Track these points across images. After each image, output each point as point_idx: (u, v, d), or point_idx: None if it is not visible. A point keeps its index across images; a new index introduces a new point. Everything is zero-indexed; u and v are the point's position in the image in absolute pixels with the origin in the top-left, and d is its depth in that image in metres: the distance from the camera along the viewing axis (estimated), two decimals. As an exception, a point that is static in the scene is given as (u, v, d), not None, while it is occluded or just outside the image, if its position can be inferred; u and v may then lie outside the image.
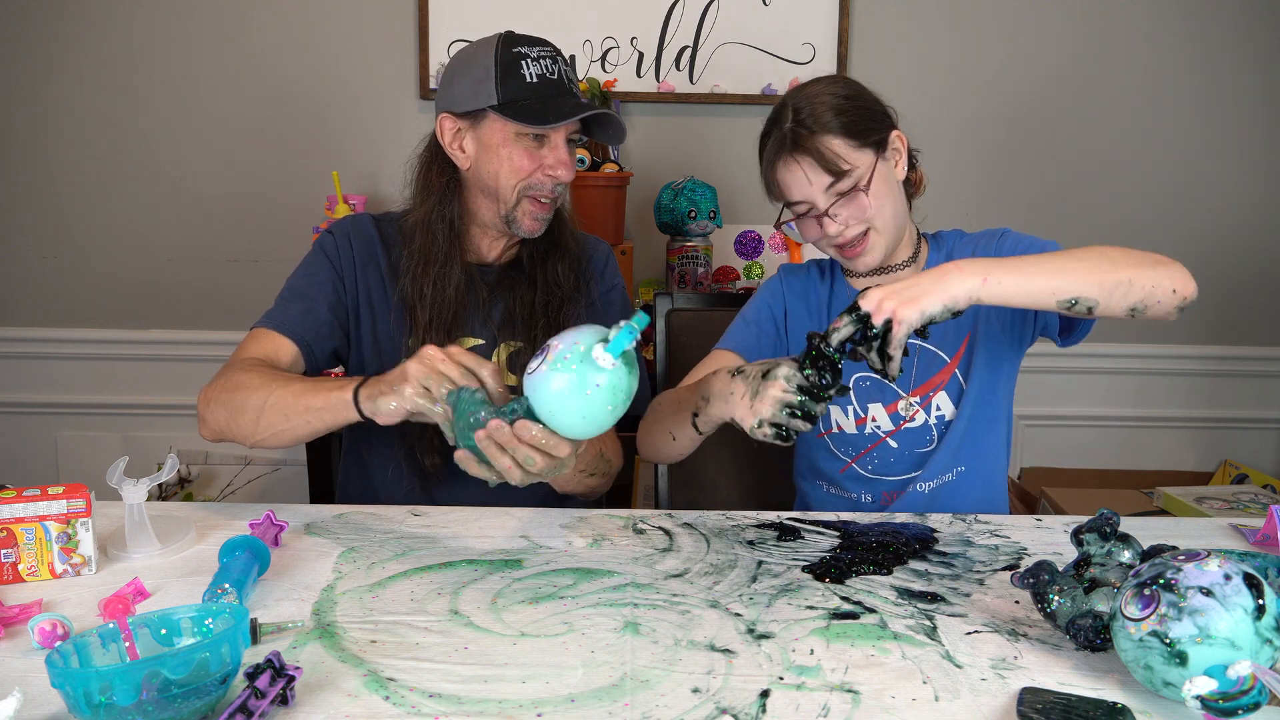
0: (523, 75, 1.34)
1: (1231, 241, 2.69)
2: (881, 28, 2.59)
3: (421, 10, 2.54)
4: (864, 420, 1.42)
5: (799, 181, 1.32)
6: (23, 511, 1.06)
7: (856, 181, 1.30)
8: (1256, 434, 2.78)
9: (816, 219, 1.34)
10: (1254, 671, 0.77)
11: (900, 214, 1.37)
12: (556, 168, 1.38)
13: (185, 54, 2.58)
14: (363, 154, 2.56)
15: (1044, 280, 1.12)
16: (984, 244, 1.42)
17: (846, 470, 1.45)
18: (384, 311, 1.44)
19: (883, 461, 1.43)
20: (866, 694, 0.85)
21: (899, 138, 1.35)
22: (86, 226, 2.65)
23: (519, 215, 1.40)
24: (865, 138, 1.31)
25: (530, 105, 1.34)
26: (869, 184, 1.30)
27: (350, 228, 1.47)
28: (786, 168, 1.32)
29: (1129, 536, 0.97)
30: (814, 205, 1.33)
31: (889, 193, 1.33)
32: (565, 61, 1.39)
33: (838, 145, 1.29)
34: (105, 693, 0.74)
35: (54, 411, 2.72)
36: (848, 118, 1.30)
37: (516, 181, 1.38)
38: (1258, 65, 2.60)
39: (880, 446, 1.42)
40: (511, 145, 1.36)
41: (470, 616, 0.99)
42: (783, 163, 1.33)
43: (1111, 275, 1.12)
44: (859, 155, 1.30)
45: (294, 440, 1.26)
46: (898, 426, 1.41)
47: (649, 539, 1.21)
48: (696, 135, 2.62)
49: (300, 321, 1.38)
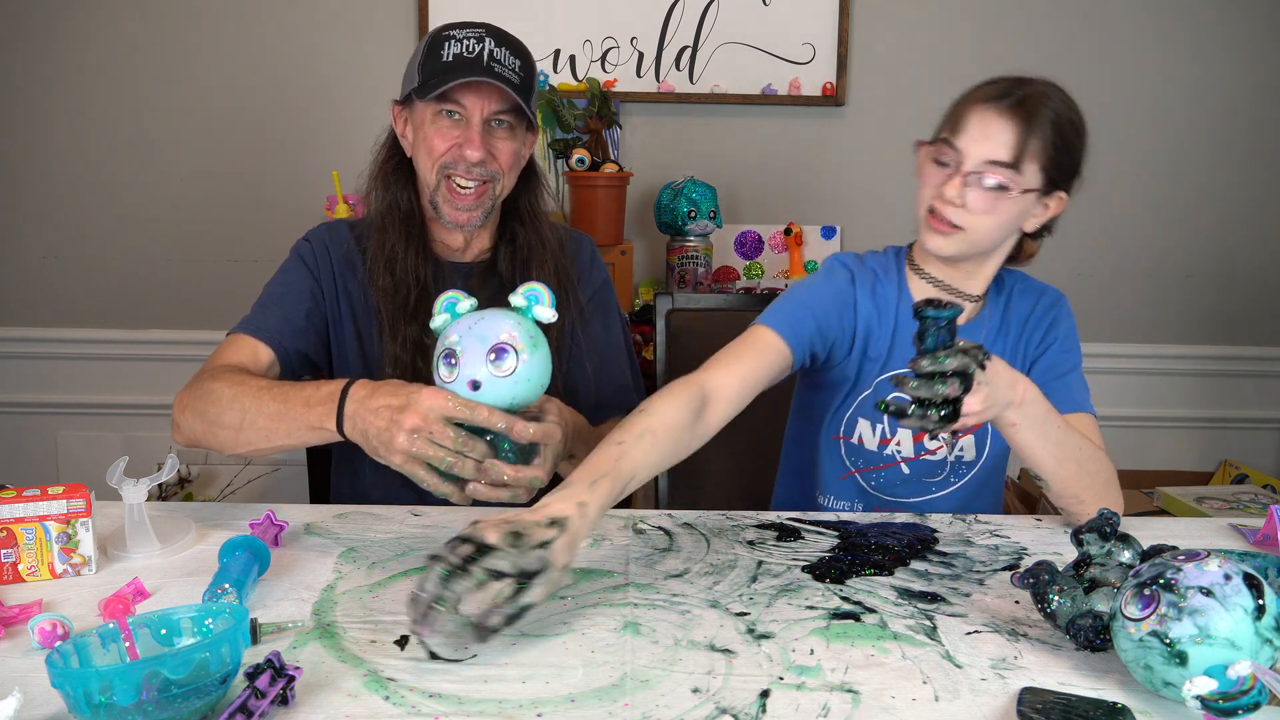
0: (441, 55, 1.32)
1: (1232, 241, 2.69)
2: (881, 28, 2.59)
3: (421, 10, 2.54)
4: (888, 441, 1.39)
5: (987, 135, 1.23)
6: (23, 511, 1.06)
7: (1008, 183, 1.23)
8: (1256, 434, 2.78)
9: (951, 173, 1.25)
10: (1254, 671, 0.77)
11: (993, 245, 1.31)
12: (464, 146, 1.33)
13: (185, 54, 2.58)
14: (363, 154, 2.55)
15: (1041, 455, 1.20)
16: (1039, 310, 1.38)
17: (846, 479, 1.42)
18: (365, 316, 1.42)
19: (888, 483, 1.41)
20: (866, 694, 0.85)
21: (1060, 200, 1.30)
22: (86, 226, 2.65)
23: (439, 201, 1.37)
24: (1052, 170, 1.25)
25: (434, 82, 1.31)
26: (1013, 195, 1.24)
27: (327, 235, 1.45)
28: (989, 112, 1.23)
29: (1129, 536, 0.97)
30: (964, 159, 1.24)
31: (1007, 222, 1.27)
32: (499, 42, 1.34)
33: (1035, 149, 1.23)
34: (105, 693, 0.74)
35: (54, 411, 2.72)
36: (1066, 145, 1.25)
37: (433, 161, 1.35)
38: (1258, 65, 2.60)
39: (892, 469, 1.40)
40: (429, 126, 1.34)
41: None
42: (992, 106, 1.23)
43: (1075, 487, 1.23)
44: (1034, 175, 1.24)
45: (274, 453, 1.23)
46: (918, 455, 1.39)
47: (649, 539, 1.21)
48: (696, 135, 2.62)
49: (277, 329, 1.36)
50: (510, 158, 1.37)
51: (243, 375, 1.26)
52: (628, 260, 2.41)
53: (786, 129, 2.65)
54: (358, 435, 1.11)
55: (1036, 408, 1.16)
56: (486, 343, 1.03)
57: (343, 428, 1.12)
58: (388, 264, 1.39)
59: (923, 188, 1.29)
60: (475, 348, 1.03)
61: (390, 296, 1.38)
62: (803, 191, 2.67)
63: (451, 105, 1.33)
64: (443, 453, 1.04)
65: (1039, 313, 1.39)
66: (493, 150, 1.35)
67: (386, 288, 1.38)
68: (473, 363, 1.03)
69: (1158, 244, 2.69)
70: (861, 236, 2.65)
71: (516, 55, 1.35)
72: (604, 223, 2.36)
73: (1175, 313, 2.73)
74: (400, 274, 1.38)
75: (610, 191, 2.38)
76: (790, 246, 2.62)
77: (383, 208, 1.42)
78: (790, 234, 2.60)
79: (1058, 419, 1.19)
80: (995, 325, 1.39)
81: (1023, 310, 1.39)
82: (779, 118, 2.64)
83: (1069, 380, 1.35)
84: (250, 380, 1.24)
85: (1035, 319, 1.39)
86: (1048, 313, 1.39)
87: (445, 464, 1.04)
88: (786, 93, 2.60)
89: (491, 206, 1.39)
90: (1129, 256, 2.69)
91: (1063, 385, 1.34)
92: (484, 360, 1.03)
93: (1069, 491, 1.23)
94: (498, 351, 1.03)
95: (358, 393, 1.12)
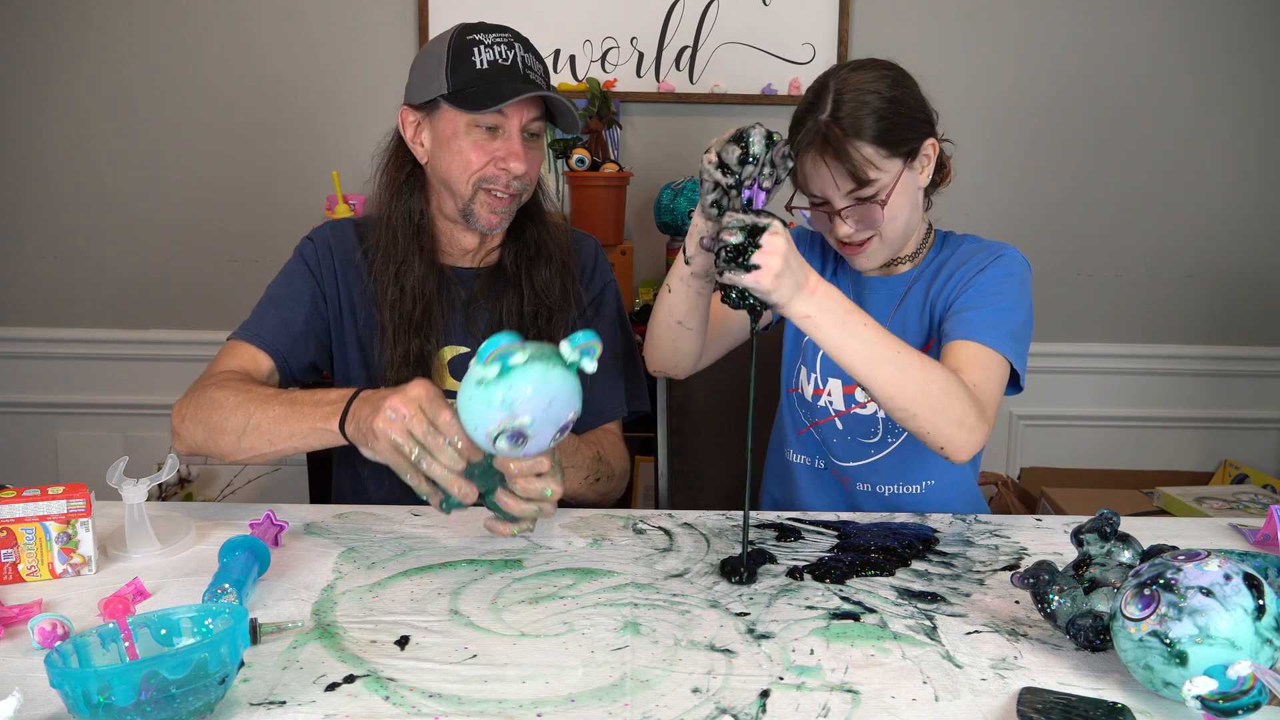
0: (473, 62, 1.29)
1: (1232, 241, 2.69)
2: (881, 28, 2.59)
3: (421, 10, 2.54)
4: (821, 391, 1.43)
5: (822, 178, 1.29)
6: (23, 511, 1.06)
7: (878, 191, 1.27)
8: (1256, 434, 2.78)
9: (829, 215, 1.32)
10: (1254, 671, 0.77)
11: (911, 222, 1.35)
12: (508, 160, 1.32)
13: (185, 54, 2.58)
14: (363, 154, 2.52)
15: (851, 355, 1.13)
16: (974, 260, 1.36)
17: (804, 434, 1.47)
18: (367, 319, 1.41)
19: (826, 440, 1.44)
20: (866, 694, 0.85)
21: (932, 145, 1.32)
22: (86, 226, 2.65)
23: (475, 208, 1.36)
24: (899, 147, 1.27)
25: (476, 92, 1.29)
26: (889, 195, 1.28)
27: (330, 235, 1.44)
28: (813, 162, 1.29)
29: (1129, 536, 0.97)
30: (830, 203, 1.31)
31: (906, 203, 1.31)
32: (526, 48, 1.33)
33: (869, 152, 1.25)
34: (104, 693, 0.74)
35: (54, 411, 2.72)
36: (887, 124, 1.25)
37: (469, 175, 1.33)
38: (1254, 67, 2.60)
39: (828, 424, 1.43)
40: (462, 137, 1.32)
41: (470, 616, 0.99)
42: (810, 157, 1.29)
43: (899, 396, 1.14)
44: (887, 164, 1.27)
45: (277, 458, 1.23)
46: (848, 409, 1.41)
47: (649, 539, 1.21)
48: (696, 135, 2.62)
49: (276, 334, 1.35)
50: (539, 165, 1.37)
51: (247, 382, 1.27)
52: (628, 260, 2.41)
53: (786, 129, 2.64)
54: (352, 428, 1.12)
55: (834, 302, 1.12)
56: (558, 424, 1.00)
57: (345, 426, 1.13)
58: (396, 277, 1.38)
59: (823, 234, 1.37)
60: (547, 432, 0.99)
61: (396, 308, 1.38)
62: (803, 191, 2.67)
63: (494, 119, 1.31)
64: (410, 441, 1.04)
65: (970, 264, 1.36)
66: (528, 160, 1.34)
67: (394, 300, 1.38)
68: (541, 444, 1.00)
69: (1158, 244, 2.69)
70: (861, 236, 2.65)
71: (539, 59, 1.35)
72: (604, 223, 2.36)
73: (1175, 313, 2.73)
74: (409, 288, 1.38)
75: (610, 191, 2.38)
76: (790, 246, 2.62)
77: (395, 220, 1.40)
78: (790, 234, 2.60)
79: (865, 320, 1.14)
80: (927, 278, 1.39)
81: (955, 262, 1.38)
82: (779, 118, 2.63)
83: (969, 315, 1.29)
84: (255, 387, 1.25)
85: (964, 269, 1.36)
86: (977, 261, 1.36)
87: (413, 454, 1.04)
88: (786, 93, 2.60)
89: (517, 208, 1.40)
90: (1129, 256, 2.69)
91: (960, 319, 1.30)
92: (551, 440, 1.01)
93: (894, 403, 1.15)
94: (562, 429, 1.01)
95: (366, 393, 1.14)
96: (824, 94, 1.28)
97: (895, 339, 1.16)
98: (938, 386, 1.15)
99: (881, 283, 1.43)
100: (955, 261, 1.38)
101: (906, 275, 1.41)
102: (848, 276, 1.45)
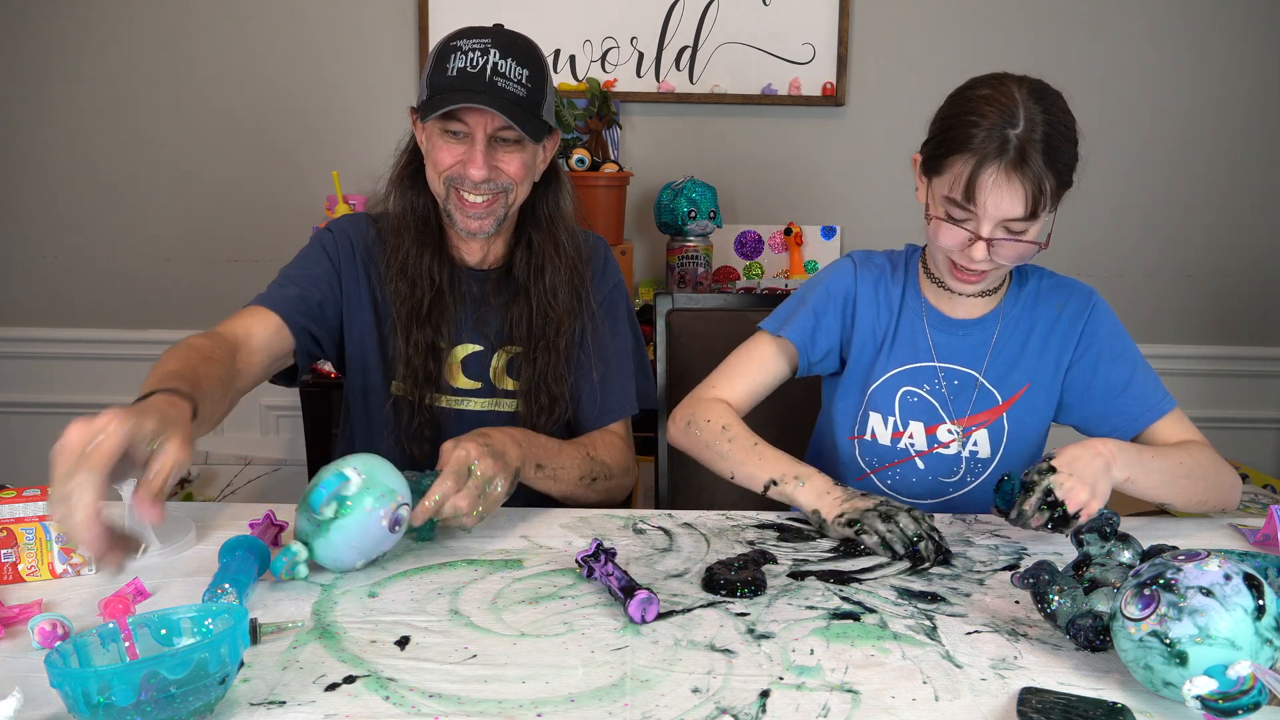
0: (446, 68, 1.30)
1: (1232, 241, 2.69)
2: (881, 28, 2.59)
3: (421, 10, 2.54)
4: (901, 434, 1.38)
5: (995, 197, 1.17)
6: (23, 511, 1.06)
7: (1028, 231, 1.21)
8: (1256, 434, 2.78)
9: (971, 237, 1.22)
10: (1254, 671, 0.77)
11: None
12: (467, 165, 1.32)
13: (185, 54, 2.58)
14: (363, 154, 2.56)
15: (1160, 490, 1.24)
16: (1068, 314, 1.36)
17: (863, 480, 1.41)
18: (383, 311, 1.42)
19: (903, 480, 1.40)
20: (866, 694, 0.85)
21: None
22: (86, 226, 2.65)
23: (452, 210, 1.36)
24: (1059, 194, 1.21)
25: (436, 100, 1.30)
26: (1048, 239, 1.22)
27: (349, 227, 1.46)
28: (993, 176, 1.17)
29: (1129, 536, 0.97)
30: (981, 223, 1.21)
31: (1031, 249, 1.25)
32: (505, 54, 1.31)
33: (1050, 185, 1.18)
34: (104, 693, 0.74)
35: (54, 411, 2.71)
36: (1064, 167, 1.19)
37: (439, 175, 1.35)
38: (1258, 64, 2.60)
39: (907, 464, 1.39)
40: (436, 139, 1.34)
41: (470, 616, 0.99)
42: (991, 168, 1.17)
43: (1196, 496, 1.28)
44: (1048, 207, 1.20)
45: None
46: (931, 449, 1.38)
47: (649, 539, 1.21)
48: (696, 135, 2.62)
49: (293, 303, 1.36)
50: (520, 168, 1.35)
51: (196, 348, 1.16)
52: (628, 260, 2.41)
53: (786, 129, 2.65)
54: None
55: (1127, 454, 1.19)
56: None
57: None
58: (401, 268, 1.39)
59: (937, 236, 1.26)
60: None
61: (404, 300, 1.39)
62: (803, 191, 2.67)
63: (454, 125, 1.32)
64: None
65: (1068, 317, 1.37)
66: (499, 164, 1.33)
67: (401, 291, 1.39)
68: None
69: (1158, 244, 2.69)
70: (861, 236, 2.65)
71: (524, 64, 1.32)
72: (604, 223, 2.36)
73: (1175, 313, 2.73)
74: (414, 278, 1.39)
75: (610, 191, 2.38)
76: (790, 246, 2.62)
77: (400, 212, 1.42)
78: (790, 234, 2.61)
79: (1148, 451, 1.23)
80: (1013, 320, 1.38)
81: (1049, 313, 1.38)
82: (779, 118, 2.64)
83: (1134, 389, 1.34)
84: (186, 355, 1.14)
85: (1065, 323, 1.37)
86: (1079, 317, 1.37)
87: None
88: (786, 93, 2.60)
89: (505, 214, 1.38)
90: (1129, 256, 2.69)
91: (1130, 397, 1.34)
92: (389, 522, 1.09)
93: (1193, 502, 1.28)
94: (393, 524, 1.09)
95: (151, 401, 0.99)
96: (1020, 108, 1.18)
97: (1170, 452, 1.26)
98: (1212, 467, 1.28)
99: (974, 324, 1.38)
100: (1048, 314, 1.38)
101: (993, 315, 1.38)
102: (924, 319, 1.39)
